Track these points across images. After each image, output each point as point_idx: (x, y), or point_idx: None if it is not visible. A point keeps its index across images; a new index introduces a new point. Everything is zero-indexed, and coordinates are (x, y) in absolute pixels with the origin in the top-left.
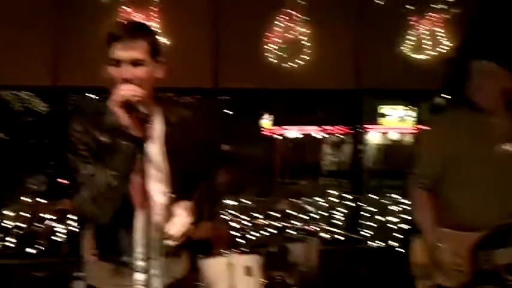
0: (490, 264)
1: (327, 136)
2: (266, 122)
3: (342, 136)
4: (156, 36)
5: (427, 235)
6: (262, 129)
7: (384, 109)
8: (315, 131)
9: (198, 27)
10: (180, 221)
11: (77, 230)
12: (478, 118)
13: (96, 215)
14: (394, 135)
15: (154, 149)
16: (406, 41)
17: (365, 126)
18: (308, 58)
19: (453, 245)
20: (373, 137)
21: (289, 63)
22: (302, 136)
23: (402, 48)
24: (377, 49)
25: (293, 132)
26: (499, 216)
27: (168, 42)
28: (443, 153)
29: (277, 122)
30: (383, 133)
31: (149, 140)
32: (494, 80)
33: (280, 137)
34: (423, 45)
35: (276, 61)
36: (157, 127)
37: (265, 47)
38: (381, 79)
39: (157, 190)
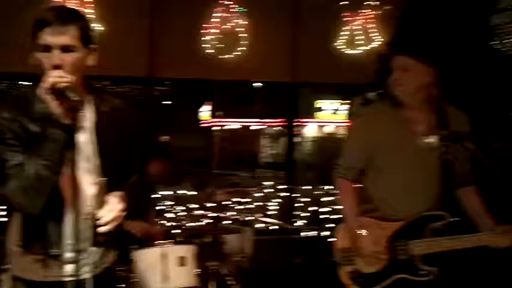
0: (406, 254)
1: (265, 128)
2: (205, 113)
3: (279, 129)
4: (88, 23)
5: (349, 224)
6: (201, 120)
7: (320, 103)
8: (254, 124)
9: (134, 15)
10: (110, 208)
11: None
12: (398, 112)
13: (26, 205)
14: (329, 129)
15: (85, 139)
16: (341, 36)
17: (302, 119)
18: (245, 50)
19: (373, 233)
20: (310, 130)
21: (226, 55)
22: (241, 128)
23: (337, 43)
24: (313, 43)
25: (232, 123)
26: (417, 209)
27: (103, 30)
28: (365, 146)
29: (216, 114)
30: (319, 126)
31: (80, 129)
32: (413, 75)
33: (219, 129)
34: (357, 41)
35: (213, 52)
36: (88, 116)
37: (202, 37)
38: (317, 73)
39: (87, 181)
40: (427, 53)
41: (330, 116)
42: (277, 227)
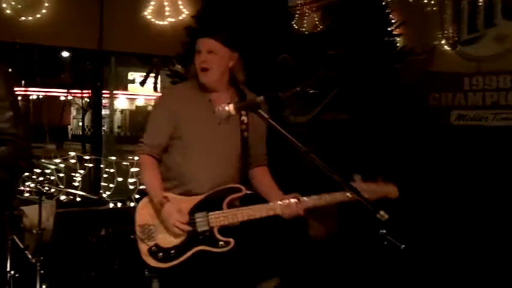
0: (205, 226)
1: (74, 99)
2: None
3: (87, 100)
4: None
5: (154, 197)
6: None
7: (133, 75)
8: (61, 94)
9: None
10: None
11: None
12: (200, 92)
13: None
14: (140, 101)
15: None
16: (149, 6)
17: (113, 91)
18: (48, 12)
19: (176, 208)
20: (121, 102)
21: (26, 17)
22: (47, 98)
23: (145, 12)
24: (121, 11)
25: (37, 93)
26: (217, 184)
27: None
28: (168, 123)
29: (19, 82)
30: (131, 98)
31: None
32: (218, 58)
33: (22, 99)
34: (165, 11)
35: (10, 12)
36: None
37: None
38: (124, 42)
39: None
40: (230, 37)
41: (142, 88)
42: (83, 199)
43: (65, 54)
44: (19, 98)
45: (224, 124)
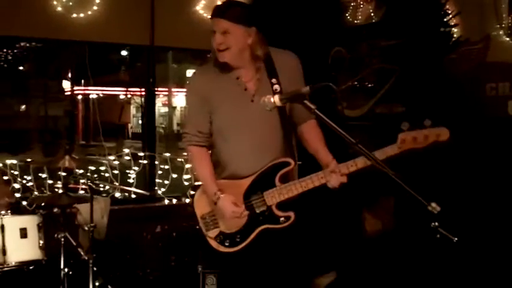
0: (263, 206)
1: (133, 97)
2: (66, 81)
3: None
4: None
5: (207, 189)
6: (62, 88)
7: (191, 72)
8: (120, 92)
9: None
10: None
11: None
12: (226, 73)
13: None
14: None
15: None
16: (200, 0)
17: (173, 89)
18: (98, 8)
19: (229, 193)
20: (180, 99)
21: (76, 13)
22: (107, 97)
23: (197, 7)
24: (173, 6)
25: (97, 92)
26: (264, 162)
27: None
28: (204, 108)
29: (78, 82)
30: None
31: None
32: (231, 37)
33: (83, 97)
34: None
35: (61, 10)
36: None
37: None
38: (176, 38)
39: None
40: (242, 13)
41: None
42: (135, 195)
43: (124, 52)
44: (79, 96)
45: (257, 99)
